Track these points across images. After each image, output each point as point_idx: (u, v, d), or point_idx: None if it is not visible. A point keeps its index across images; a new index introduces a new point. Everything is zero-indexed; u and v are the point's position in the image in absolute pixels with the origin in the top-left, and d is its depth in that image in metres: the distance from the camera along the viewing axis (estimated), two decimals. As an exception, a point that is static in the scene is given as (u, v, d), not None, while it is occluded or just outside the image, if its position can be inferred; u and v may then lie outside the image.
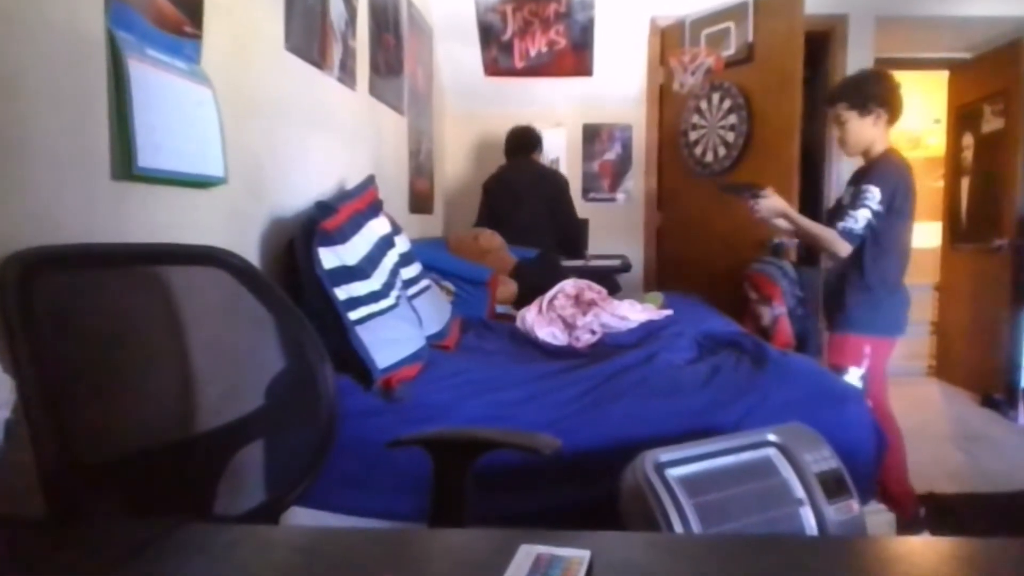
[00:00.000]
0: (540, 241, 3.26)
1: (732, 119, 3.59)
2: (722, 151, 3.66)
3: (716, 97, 3.66)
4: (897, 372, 4.48)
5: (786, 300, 3.18)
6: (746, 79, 3.50)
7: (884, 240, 2.05)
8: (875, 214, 2.02)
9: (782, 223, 2.27)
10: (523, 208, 3.33)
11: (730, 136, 3.60)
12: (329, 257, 1.54)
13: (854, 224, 2.03)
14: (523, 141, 3.51)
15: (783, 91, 3.28)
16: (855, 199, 2.05)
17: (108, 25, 1.12)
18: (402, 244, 2.04)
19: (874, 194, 2.01)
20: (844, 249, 2.06)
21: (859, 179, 2.14)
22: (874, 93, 2.09)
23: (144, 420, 0.89)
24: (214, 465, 0.95)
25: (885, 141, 2.12)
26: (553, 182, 3.45)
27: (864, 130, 2.11)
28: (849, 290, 2.13)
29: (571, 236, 3.55)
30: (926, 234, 5.16)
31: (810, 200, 3.65)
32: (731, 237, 3.61)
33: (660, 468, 1.12)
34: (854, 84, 2.15)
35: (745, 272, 3.32)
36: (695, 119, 3.78)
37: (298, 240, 1.61)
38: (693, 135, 3.80)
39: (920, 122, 5.30)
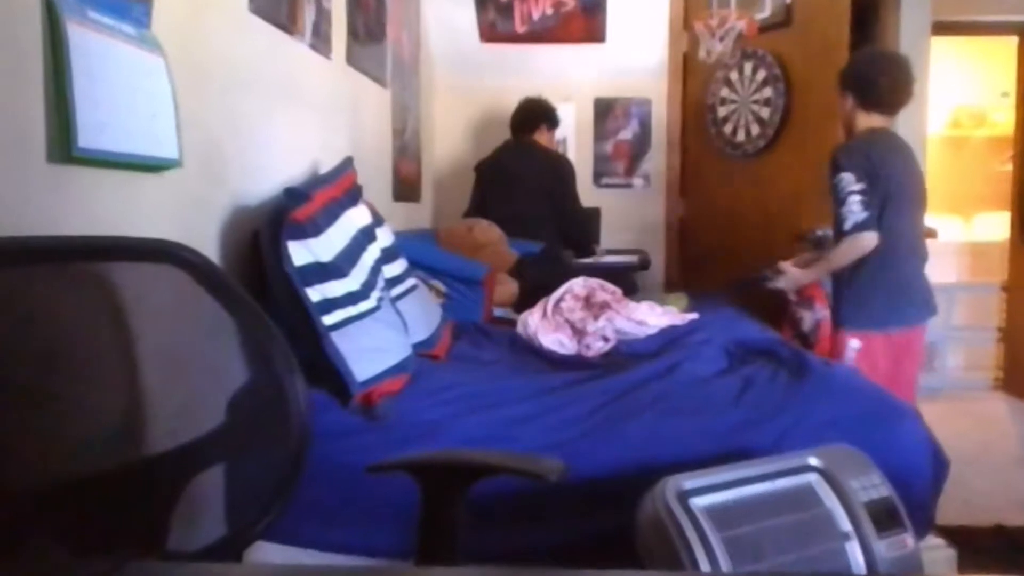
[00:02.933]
0: (543, 234, 3.26)
1: (767, 92, 3.59)
2: (756, 129, 3.66)
3: (749, 67, 3.66)
4: (958, 386, 4.51)
5: (829, 302, 3.19)
6: (784, 46, 3.50)
7: None
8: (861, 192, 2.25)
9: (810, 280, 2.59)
10: (520, 196, 3.33)
11: (765, 112, 3.60)
12: (300, 252, 1.54)
13: (853, 216, 2.25)
14: (523, 118, 3.51)
15: (827, 60, 3.27)
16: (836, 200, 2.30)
17: (44, -17, 1.12)
18: (385, 237, 2.04)
19: (847, 181, 2.26)
20: (870, 240, 2.26)
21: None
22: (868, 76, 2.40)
23: (85, 441, 0.89)
24: (167, 493, 0.95)
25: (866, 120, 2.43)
26: (553, 168, 3.45)
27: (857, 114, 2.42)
28: (835, 284, 2.45)
29: (577, 228, 3.54)
30: (992, 226, 5.17)
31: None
32: (766, 228, 3.61)
33: (684, 496, 1.12)
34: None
35: None
36: (724, 92, 3.78)
37: (264, 232, 1.61)
38: (722, 111, 3.81)
39: (985, 96, 5.30)
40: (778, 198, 3.59)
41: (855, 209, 2.22)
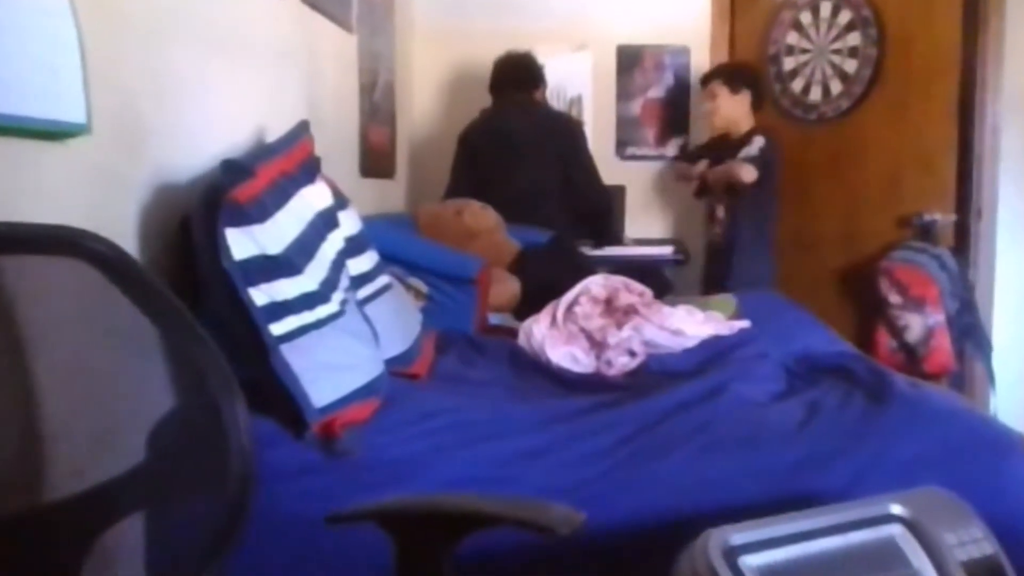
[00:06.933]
0: (552, 218, 3.27)
1: (853, 39, 3.59)
2: (837, 86, 3.66)
3: (827, 7, 3.66)
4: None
5: (945, 304, 3.20)
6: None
7: None
8: None
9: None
10: (524, 169, 3.33)
11: (850, 65, 3.60)
12: (241, 242, 1.54)
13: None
14: (523, 74, 3.51)
15: (934, 1, 3.28)
16: None
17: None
18: (350, 223, 2.04)
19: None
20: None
21: None
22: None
23: (-32, 483, 0.89)
24: (72, 549, 0.95)
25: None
26: (564, 131, 3.45)
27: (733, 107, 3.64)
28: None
29: (597, 209, 3.54)
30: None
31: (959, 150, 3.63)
32: (852, 212, 3.61)
33: (732, 554, 1.12)
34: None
35: (882, 264, 3.34)
36: (792, 39, 3.78)
37: (196, 217, 1.61)
38: (789, 62, 3.81)
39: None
40: (869, 174, 3.60)
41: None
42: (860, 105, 3.58)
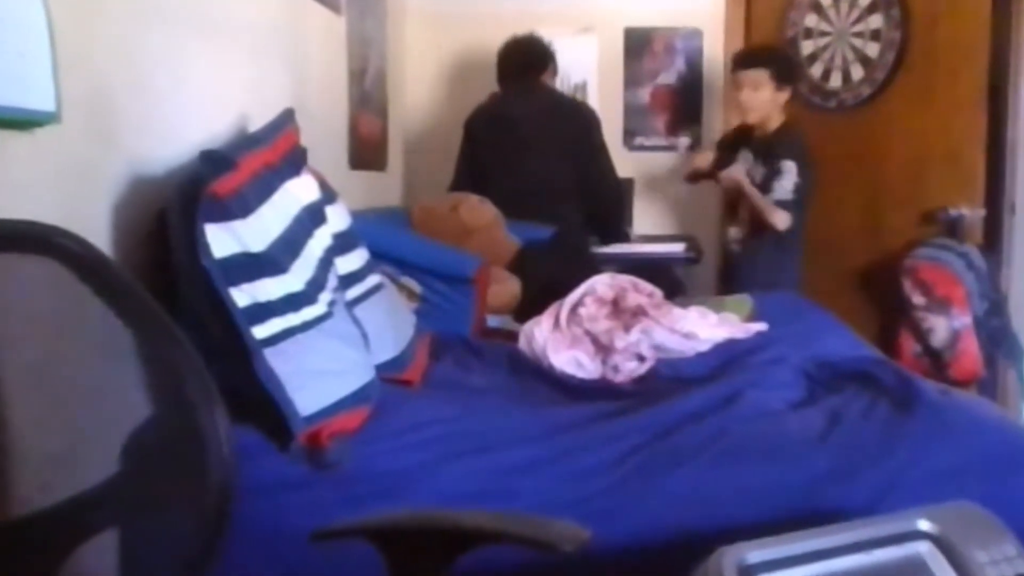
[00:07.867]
0: (557, 213, 3.26)
1: (875, 22, 3.59)
2: (858, 72, 3.66)
3: (848, -12, 3.67)
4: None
5: (972, 306, 3.20)
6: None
7: None
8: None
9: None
10: (531, 160, 3.32)
11: (872, 49, 3.60)
12: (222, 239, 1.54)
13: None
14: (528, 58, 3.51)
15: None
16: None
17: None
18: (338, 219, 2.04)
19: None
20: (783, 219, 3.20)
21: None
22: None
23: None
24: (41, 569, 0.95)
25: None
26: (577, 119, 3.44)
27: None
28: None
29: (606, 205, 3.54)
30: None
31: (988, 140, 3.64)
32: (874, 207, 3.60)
33: (747, 573, 1.12)
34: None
35: (905, 262, 3.34)
36: (811, 21, 3.78)
37: (173, 212, 1.61)
38: (807, 46, 3.80)
39: None
40: (892, 165, 3.60)
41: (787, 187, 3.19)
42: (883, 92, 3.58)
